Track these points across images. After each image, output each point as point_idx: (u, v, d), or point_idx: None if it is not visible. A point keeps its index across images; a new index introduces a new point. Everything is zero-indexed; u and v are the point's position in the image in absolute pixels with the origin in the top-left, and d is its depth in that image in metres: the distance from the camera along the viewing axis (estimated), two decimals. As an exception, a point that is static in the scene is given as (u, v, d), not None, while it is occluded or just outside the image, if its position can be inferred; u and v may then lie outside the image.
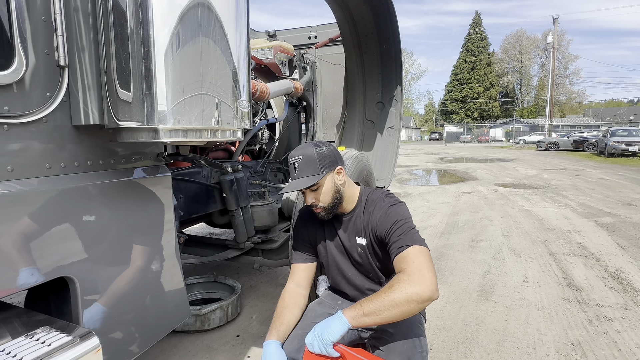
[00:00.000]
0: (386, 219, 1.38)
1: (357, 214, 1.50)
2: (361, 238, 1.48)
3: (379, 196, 1.49)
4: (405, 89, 18.09)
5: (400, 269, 1.25)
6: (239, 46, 1.23)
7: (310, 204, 1.46)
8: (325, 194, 1.42)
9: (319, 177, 1.38)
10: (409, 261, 1.24)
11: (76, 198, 1.20)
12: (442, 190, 8.62)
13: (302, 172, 1.40)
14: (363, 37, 2.97)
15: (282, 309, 1.48)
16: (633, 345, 2.32)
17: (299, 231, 1.63)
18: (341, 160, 1.48)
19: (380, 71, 3.11)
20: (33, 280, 1.09)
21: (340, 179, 1.45)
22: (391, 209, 1.40)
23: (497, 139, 45.33)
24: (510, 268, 3.63)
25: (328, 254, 1.57)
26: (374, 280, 1.52)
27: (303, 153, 1.41)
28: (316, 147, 1.42)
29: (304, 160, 1.40)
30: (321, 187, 1.41)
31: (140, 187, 1.44)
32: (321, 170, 1.39)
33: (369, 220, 1.45)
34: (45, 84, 1.11)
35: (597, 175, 10.83)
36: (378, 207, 1.44)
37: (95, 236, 1.26)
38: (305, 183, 1.37)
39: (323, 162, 1.40)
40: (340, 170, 1.45)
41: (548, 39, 34.52)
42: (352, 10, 2.81)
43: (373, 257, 1.48)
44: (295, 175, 1.41)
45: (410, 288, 1.16)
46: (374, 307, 1.18)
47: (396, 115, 3.23)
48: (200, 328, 2.46)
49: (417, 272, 1.19)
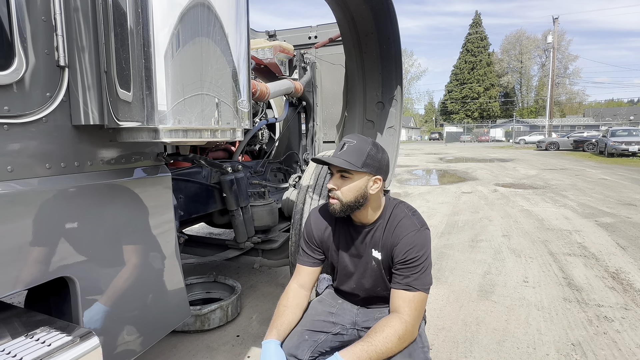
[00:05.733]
0: (408, 248, 1.35)
1: (378, 227, 1.46)
2: (377, 252, 1.45)
3: (405, 213, 1.45)
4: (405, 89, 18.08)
5: (399, 307, 1.32)
6: (239, 46, 1.23)
7: (330, 189, 1.40)
8: (350, 189, 1.36)
9: (357, 168, 1.34)
10: (412, 307, 1.31)
11: (76, 198, 1.20)
12: (442, 190, 8.62)
13: (346, 154, 1.35)
14: (363, 37, 2.96)
15: (284, 308, 1.47)
16: (633, 345, 2.32)
17: (312, 233, 1.57)
18: (386, 174, 1.43)
19: (380, 71, 3.11)
20: (33, 280, 1.09)
21: (374, 188, 1.39)
22: (416, 237, 1.37)
23: (497, 139, 45.34)
24: (510, 268, 3.63)
25: (339, 260, 1.54)
26: (381, 287, 1.51)
27: (359, 141, 1.38)
28: (373, 146, 1.39)
29: (355, 147, 1.36)
30: (351, 180, 1.36)
31: (140, 187, 1.44)
32: (362, 166, 1.35)
33: (389, 237, 1.42)
34: (45, 84, 1.11)
35: (597, 175, 10.83)
36: (402, 228, 1.40)
37: (95, 236, 1.26)
38: (341, 163, 1.33)
39: (369, 161, 1.36)
40: (378, 180, 1.40)
41: (548, 39, 34.54)
42: (352, 10, 2.80)
43: (386, 271, 1.46)
44: (338, 154, 1.37)
45: (406, 341, 1.29)
46: (372, 355, 1.23)
47: (396, 115, 3.23)
48: (200, 328, 2.46)
49: (414, 323, 1.31)
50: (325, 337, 1.46)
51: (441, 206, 6.67)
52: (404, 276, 1.34)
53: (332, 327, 1.50)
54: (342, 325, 1.51)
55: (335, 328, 1.50)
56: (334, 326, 1.50)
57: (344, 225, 1.52)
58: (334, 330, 1.49)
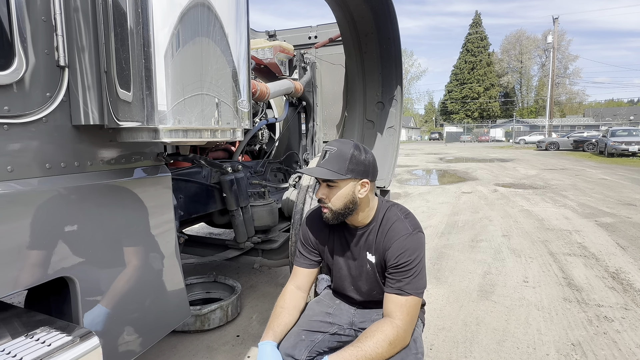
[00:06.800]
0: (400, 252, 1.34)
1: (372, 230, 1.45)
2: (371, 255, 1.44)
3: (397, 216, 1.43)
4: (405, 89, 18.09)
5: (391, 311, 1.31)
6: (239, 46, 1.23)
7: (320, 199, 1.40)
8: (338, 197, 1.35)
9: (340, 177, 1.32)
10: (404, 312, 1.30)
11: (76, 198, 1.20)
12: (442, 190, 8.62)
13: (328, 163, 1.34)
14: (363, 37, 2.97)
15: (281, 309, 1.47)
16: (633, 345, 2.32)
17: (308, 235, 1.58)
18: (373, 175, 1.41)
19: (380, 71, 3.11)
20: (33, 280, 1.09)
21: (362, 192, 1.37)
22: (408, 241, 1.35)
23: (497, 139, 45.32)
24: (510, 268, 3.63)
25: (335, 262, 1.55)
26: (377, 290, 1.50)
27: (340, 147, 1.36)
28: (356, 150, 1.36)
29: (337, 154, 1.34)
30: (337, 189, 1.35)
31: (140, 187, 1.44)
32: (346, 173, 1.33)
33: (382, 240, 1.41)
34: (45, 84, 1.11)
35: (597, 175, 10.83)
36: (395, 231, 1.38)
37: (95, 236, 1.26)
38: (323, 174, 1.32)
39: (353, 166, 1.34)
40: (365, 184, 1.38)
41: (548, 39, 34.54)
42: (352, 10, 2.80)
43: (381, 275, 1.45)
44: (321, 164, 1.36)
45: (397, 346, 1.28)
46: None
47: (396, 115, 3.23)
48: (200, 328, 2.46)
49: (406, 328, 1.29)
50: (323, 337, 1.46)
51: (441, 206, 6.67)
52: (396, 280, 1.33)
53: (330, 327, 1.50)
54: (340, 326, 1.51)
55: (332, 328, 1.50)
56: (331, 326, 1.50)
57: (339, 227, 1.51)
58: (331, 331, 1.49)
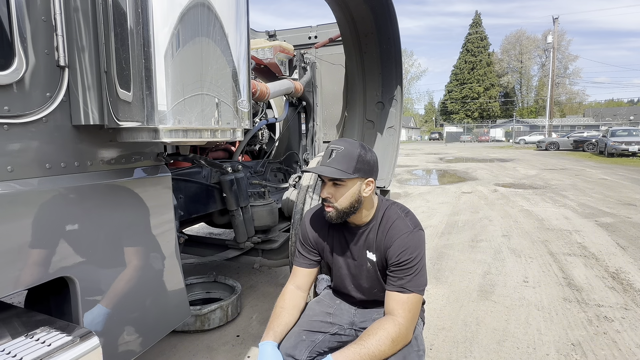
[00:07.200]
0: (401, 250, 1.34)
1: (372, 228, 1.45)
2: (372, 254, 1.45)
3: (398, 214, 1.43)
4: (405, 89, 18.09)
5: (393, 309, 1.31)
6: (239, 46, 1.23)
7: (325, 199, 1.40)
8: (345, 197, 1.35)
9: (349, 176, 1.32)
10: (406, 309, 1.30)
11: (76, 198, 1.20)
12: (442, 190, 8.62)
13: (335, 162, 1.33)
14: (363, 37, 2.96)
15: (281, 309, 1.47)
16: (633, 345, 2.32)
17: (307, 235, 1.58)
18: (377, 174, 1.43)
19: (380, 71, 3.10)
20: (33, 280, 1.09)
21: (367, 191, 1.39)
22: (409, 239, 1.36)
23: (497, 139, 45.32)
24: (510, 268, 3.63)
25: (334, 261, 1.55)
26: (378, 289, 1.51)
27: (346, 146, 1.36)
28: (362, 149, 1.37)
29: (344, 153, 1.34)
30: (344, 188, 1.35)
31: (140, 187, 1.44)
32: (354, 172, 1.33)
33: (382, 238, 1.41)
34: (45, 84, 1.11)
35: (597, 175, 10.83)
36: (396, 230, 1.39)
37: (95, 236, 1.26)
38: (332, 173, 1.32)
39: (360, 166, 1.34)
40: (370, 183, 1.39)
41: (548, 39, 34.52)
42: (352, 11, 2.80)
43: (382, 273, 1.46)
44: (327, 162, 1.35)
45: (400, 344, 1.28)
46: (364, 358, 1.22)
47: (396, 115, 3.23)
48: (200, 328, 2.46)
49: (408, 326, 1.30)
50: (323, 337, 1.46)
51: (441, 206, 6.67)
52: (397, 278, 1.34)
53: (330, 327, 1.50)
54: (340, 326, 1.51)
55: (332, 328, 1.50)
56: (332, 326, 1.50)
57: (338, 226, 1.51)
58: (332, 331, 1.49)
